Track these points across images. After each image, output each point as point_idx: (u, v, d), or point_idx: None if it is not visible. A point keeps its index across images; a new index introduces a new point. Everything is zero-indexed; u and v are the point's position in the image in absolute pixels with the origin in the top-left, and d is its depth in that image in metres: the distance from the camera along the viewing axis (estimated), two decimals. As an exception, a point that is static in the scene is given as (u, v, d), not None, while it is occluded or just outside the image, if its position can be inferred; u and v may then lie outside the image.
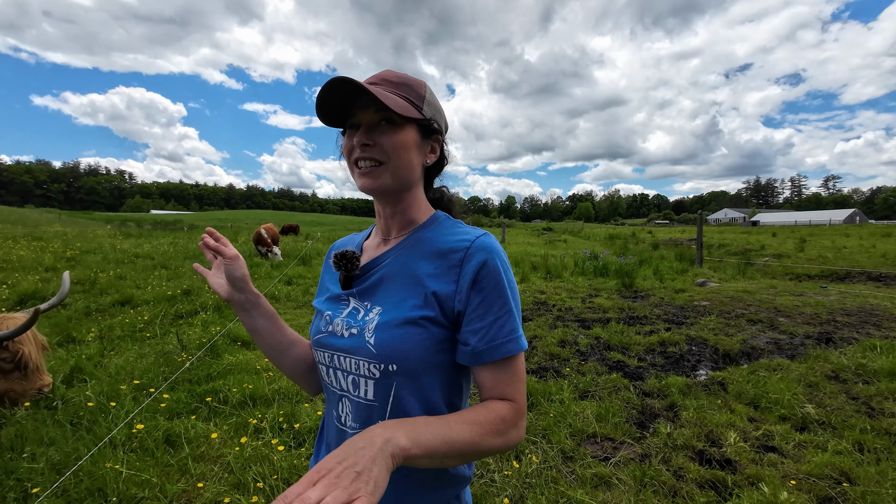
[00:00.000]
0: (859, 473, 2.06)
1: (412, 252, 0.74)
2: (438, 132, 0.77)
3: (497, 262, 0.68)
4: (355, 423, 0.70)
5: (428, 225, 0.77)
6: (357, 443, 0.52)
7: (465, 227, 0.75)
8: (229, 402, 2.83)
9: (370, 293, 0.73)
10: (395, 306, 0.69)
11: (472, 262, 0.67)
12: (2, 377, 2.04)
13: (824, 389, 3.05)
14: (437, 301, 0.67)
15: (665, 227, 50.59)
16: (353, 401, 0.71)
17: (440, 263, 0.69)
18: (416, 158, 0.73)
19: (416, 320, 0.66)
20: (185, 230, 22.92)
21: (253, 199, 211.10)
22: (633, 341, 4.27)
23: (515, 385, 0.67)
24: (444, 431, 0.59)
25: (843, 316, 5.06)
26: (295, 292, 6.72)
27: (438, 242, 0.72)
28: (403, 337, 0.65)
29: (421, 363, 0.66)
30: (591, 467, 2.21)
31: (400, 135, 0.70)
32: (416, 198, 0.78)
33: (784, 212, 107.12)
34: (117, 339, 4.18)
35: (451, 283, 0.67)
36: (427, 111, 0.74)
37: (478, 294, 0.66)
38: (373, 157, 0.70)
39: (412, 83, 0.74)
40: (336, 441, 0.74)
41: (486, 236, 0.71)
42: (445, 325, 0.67)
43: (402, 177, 0.72)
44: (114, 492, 1.94)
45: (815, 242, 17.08)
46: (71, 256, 8.85)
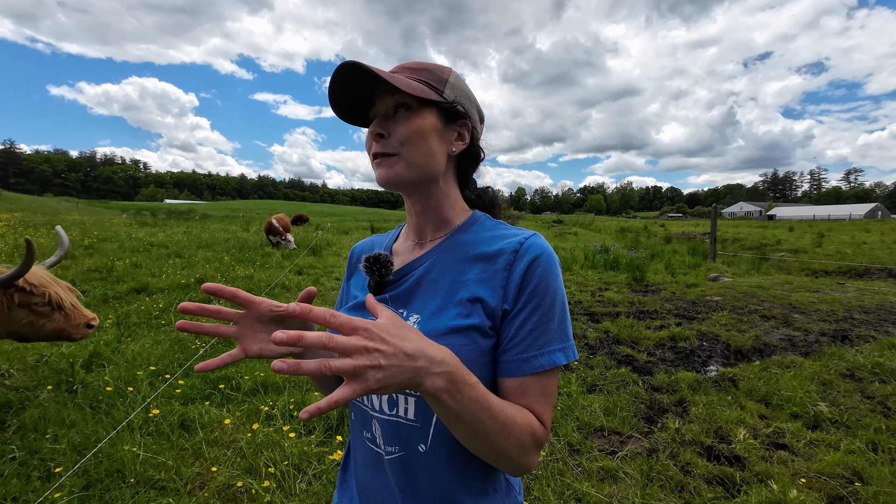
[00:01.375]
0: (872, 473, 2.04)
1: (452, 255, 0.67)
2: (466, 115, 0.69)
3: (546, 267, 0.61)
4: (391, 447, 0.64)
5: (467, 227, 0.71)
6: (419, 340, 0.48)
7: (511, 228, 0.69)
8: (241, 390, 2.89)
9: (405, 300, 0.67)
10: (434, 314, 0.63)
11: (520, 265, 0.61)
12: (46, 319, 2.18)
13: (838, 388, 3.00)
14: (482, 308, 0.61)
15: (678, 221, 49.75)
16: (387, 421, 0.64)
17: (485, 267, 0.63)
18: (437, 146, 0.66)
19: (461, 329, 0.60)
20: (197, 219, 23.28)
21: (264, 190, 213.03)
22: (642, 336, 4.24)
23: (544, 404, 0.60)
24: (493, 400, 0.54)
25: (860, 313, 4.95)
26: (306, 282, 6.79)
27: (483, 245, 0.66)
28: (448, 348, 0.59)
29: None
30: (597, 461, 2.22)
31: (416, 120, 0.64)
32: (446, 194, 0.71)
33: (802, 206, 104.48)
34: (134, 326, 4.29)
35: (498, 288, 0.61)
36: (449, 94, 0.67)
37: (521, 299, 0.60)
38: (386, 151, 0.65)
39: (433, 68, 0.69)
40: (371, 467, 0.68)
41: (537, 237, 0.64)
42: (491, 334, 0.61)
43: (420, 165, 0.65)
44: (132, 473, 2.00)
45: (834, 237, 16.67)
46: (89, 245, 9.06)
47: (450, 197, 0.72)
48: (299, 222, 20.68)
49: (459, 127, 0.70)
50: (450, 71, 0.70)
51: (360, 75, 0.62)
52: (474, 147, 0.73)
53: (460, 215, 0.73)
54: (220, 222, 21.74)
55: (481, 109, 0.76)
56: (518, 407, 0.58)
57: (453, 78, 0.70)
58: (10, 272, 2.03)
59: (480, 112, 0.75)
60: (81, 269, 6.63)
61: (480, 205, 0.77)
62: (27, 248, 1.94)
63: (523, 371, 0.59)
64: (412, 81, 0.64)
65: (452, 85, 0.68)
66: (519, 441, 0.55)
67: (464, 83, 0.72)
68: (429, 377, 0.47)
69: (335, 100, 0.68)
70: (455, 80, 0.70)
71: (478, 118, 0.74)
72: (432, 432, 0.61)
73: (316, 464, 2.14)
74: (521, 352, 0.59)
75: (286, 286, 6.42)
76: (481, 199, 0.77)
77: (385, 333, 0.46)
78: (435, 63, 0.71)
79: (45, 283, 2.18)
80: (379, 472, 0.66)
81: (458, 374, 0.50)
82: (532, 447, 0.58)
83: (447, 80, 0.68)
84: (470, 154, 0.73)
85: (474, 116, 0.72)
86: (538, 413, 0.59)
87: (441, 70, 0.69)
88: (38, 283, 2.15)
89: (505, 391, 0.60)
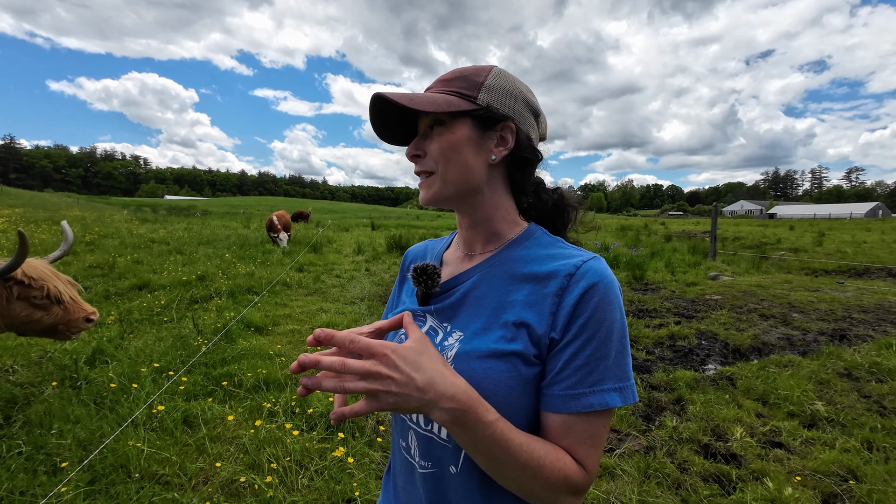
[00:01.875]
0: (867, 472, 2.06)
1: (501, 272, 0.64)
2: (505, 117, 0.63)
3: (605, 295, 0.56)
4: (425, 462, 0.62)
5: (521, 241, 0.66)
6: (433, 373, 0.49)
7: (569, 248, 0.64)
8: (244, 386, 2.92)
9: (450, 314, 0.65)
10: (477, 334, 0.60)
11: (574, 292, 0.56)
12: (44, 313, 2.19)
13: (836, 387, 3.02)
14: (528, 334, 0.57)
15: (679, 219, 49.73)
16: (422, 435, 0.63)
17: (535, 289, 0.59)
18: (472, 157, 0.63)
19: (503, 354, 0.57)
20: (198, 216, 23.29)
21: (264, 186, 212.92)
22: (641, 334, 4.27)
23: (588, 448, 0.55)
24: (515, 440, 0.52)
25: (859, 313, 4.97)
26: (306, 279, 6.82)
27: (535, 264, 0.62)
28: (486, 372, 0.56)
29: (504, 405, 0.55)
30: (595, 458, 2.24)
31: (447, 135, 0.62)
32: (495, 205, 0.67)
33: (803, 204, 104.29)
34: (136, 323, 4.31)
35: (547, 314, 0.57)
36: (484, 97, 0.62)
37: (572, 329, 0.56)
38: (423, 169, 0.65)
39: (469, 72, 0.65)
40: (405, 475, 0.67)
41: (597, 260, 0.59)
42: (535, 363, 0.57)
43: (457, 180, 0.63)
44: (136, 468, 2.03)
45: (834, 236, 16.66)
46: (90, 241, 9.09)
47: (500, 208, 0.67)
48: (300, 219, 20.70)
49: (500, 131, 0.64)
50: (489, 71, 0.65)
51: (388, 103, 0.62)
52: (521, 150, 0.66)
53: (513, 228, 0.68)
54: (220, 219, 21.75)
55: (534, 103, 0.68)
56: (551, 447, 0.54)
57: (492, 78, 0.64)
58: (3, 265, 2.05)
59: (534, 107, 0.68)
60: (83, 265, 6.66)
61: (539, 213, 0.71)
62: (20, 241, 1.97)
63: (569, 409, 0.54)
64: (438, 96, 0.62)
65: (489, 87, 0.63)
66: (547, 484, 0.52)
67: (509, 80, 0.66)
68: (436, 410, 0.49)
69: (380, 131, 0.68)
70: (495, 80, 0.64)
71: (528, 114, 0.67)
72: (464, 455, 0.59)
73: (318, 460, 2.17)
74: (568, 387, 0.55)
75: (287, 283, 6.44)
76: (539, 207, 0.70)
77: (401, 361, 0.48)
78: (475, 66, 0.66)
79: (45, 276, 2.20)
80: (411, 483, 0.66)
81: (470, 411, 0.49)
82: (564, 492, 0.53)
83: (482, 84, 0.63)
84: (518, 158, 0.66)
85: (522, 114, 0.66)
86: (580, 457, 0.55)
87: (478, 73, 0.65)
88: (37, 276, 2.16)
89: (547, 427, 0.57)
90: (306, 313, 4.97)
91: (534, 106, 0.69)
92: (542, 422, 0.58)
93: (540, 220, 0.72)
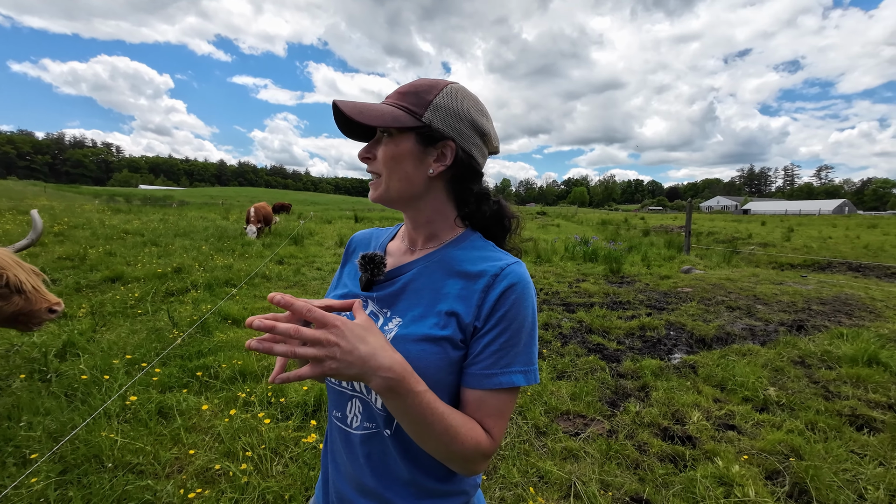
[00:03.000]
0: (807, 450, 2.23)
1: (439, 268, 0.72)
2: (445, 137, 0.69)
3: (522, 295, 0.66)
4: (368, 423, 0.69)
5: (458, 243, 0.74)
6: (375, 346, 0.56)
7: (497, 251, 0.73)
8: (220, 378, 2.93)
9: (391, 302, 0.72)
10: (414, 321, 0.68)
11: (496, 289, 0.66)
12: (4, 302, 2.12)
13: (789, 374, 3.22)
14: (457, 322, 0.66)
15: (658, 214, 50.94)
16: (366, 401, 0.70)
17: (466, 285, 0.68)
18: (412, 169, 0.70)
19: (435, 339, 0.65)
20: (175, 206, 22.65)
21: (245, 177, 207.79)
22: (614, 325, 4.43)
23: (496, 419, 0.65)
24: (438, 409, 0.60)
25: (818, 305, 5.25)
26: (286, 272, 6.78)
27: (467, 263, 0.70)
28: (420, 354, 0.64)
29: (433, 381, 0.63)
30: (561, 441, 2.36)
31: (391, 146, 0.69)
32: (436, 211, 0.74)
33: (775, 200, 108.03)
34: (109, 315, 4.24)
35: (473, 306, 0.66)
36: (429, 116, 0.68)
37: (492, 320, 0.65)
38: (372, 171, 0.73)
39: (422, 89, 0.70)
40: (341, 443, 0.73)
41: (518, 265, 0.69)
42: (461, 346, 0.66)
43: (398, 188, 0.70)
44: (109, 458, 2.04)
45: (803, 232, 17.38)
46: (59, 231, 8.78)
47: (441, 213, 0.74)
48: (282, 211, 20.37)
49: (440, 148, 0.70)
50: (441, 89, 0.70)
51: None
52: (458, 167, 0.72)
53: (451, 232, 0.76)
54: (198, 210, 21.21)
55: (480, 124, 0.73)
56: (467, 418, 0.63)
57: (442, 97, 0.69)
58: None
59: (480, 127, 0.73)
60: (52, 256, 6.45)
61: (478, 221, 0.77)
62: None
63: (483, 385, 0.64)
64: (386, 110, 0.68)
65: (436, 106, 0.69)
66: (461, 448, 0.61)
67: (459, 100, 0.71)
68: (374, 378, 0.56)
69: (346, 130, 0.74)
70: (444, 99, 0.70)
71: (473, 134, 0.72)
72: (395, 425, 0.67)
73: (293, 447, 2.22)
74: (484, 368, 0.65)
75: (266, 276, 6.39)
76: (478, 216, 0.76)
77: (349, 332, 0.55)
78: (430, 81, 0.71)
79: (5, 264, 2.13)
80: (349, 449, 0.72)
81: (403, 381, 0.57)
82: (476, 457, 0.63)
83: (431, 102, 0.69)
84: (458, 173, 0.72)
85: (465, 134, 0.71)
86: (488, 427, 0.64)
87: (429, 90, 0.70)
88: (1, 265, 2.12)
89: (464, 401, 0.66)
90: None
91: (480, 126, 0.73)
92: (461, 397, 0.68)
93: (478, 227, 0.79)
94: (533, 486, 2.03)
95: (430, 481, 0.69)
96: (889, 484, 2.00)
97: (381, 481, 0.69)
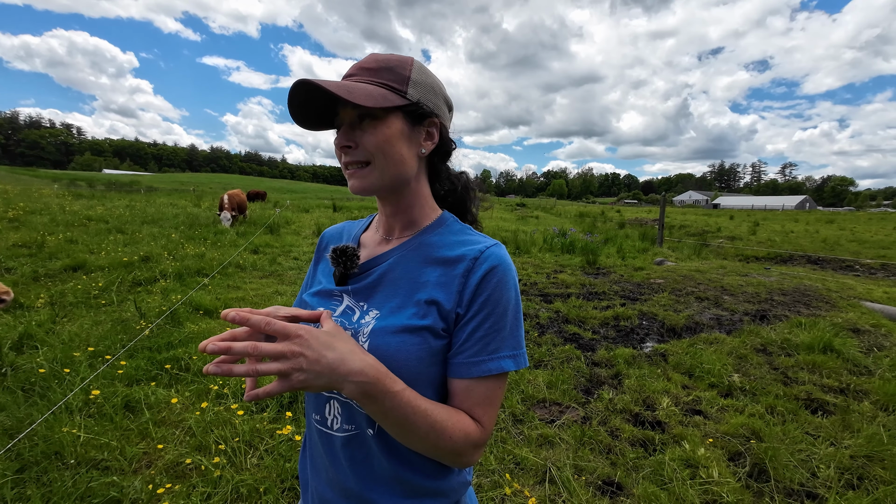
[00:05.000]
0: (767, 432, 2.36)
1: (416, 256, 0.69)
2: (432, 114, 0.68)
3: (503, 277, 0.63)
4: (348, 426, 0.66)
5: (434, 228, 0.72)
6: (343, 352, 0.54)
7: (475, 235, 0.71)
8: (191, 370, 2.84)
9: (367, 294, 0.69)
10: (393, 312, 0.65)
11: (477, 273, 0.63)
12: None
13: (751, 361, 3.38)
14: (437, 311, 0.63)
15: (633, 207, 52.27)
16: (345, 402, 0.66)
17: (445, 271, 0.65)
18: (406, 150, 0.66)
19: (415, 329, 0.62)
20: (142, 192, 21.65)
21: (217, 162, 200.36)
22: (589, 315, 4.53)
23: (486, 407, 0.63)
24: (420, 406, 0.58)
25: (779, 295, 5.52)
26: (261, 261, 6.60)
27: (445, 249, 0.68)
28: (399, 345, 0.62)
29: (416, 374, 0.61)
30: (537, 429, 2.41)
31: (382, 129, 0.63)
32: (417, 194, 0.71)
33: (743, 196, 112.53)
34: (70, 306, 4.03)
35: (453, 293, 0.63)
36: (413, 93, 0.65)
37: (474, 305, 0.63)
38: (357, 160, 0.65)
39: (393, 64, 0.66)
40: (322, 446, 0.70)
41: (497, 247, 0.66)
42: (443, 336, 0.63)
43: (393, 174, 0.66)
44: (71, 454, 1.95)
45: (767, 226, 18.20)
46: (14, 217, 8.25)
47: (420, 196, 0.72)
48: (257, 199, 19.77)
49: (427, 126, 0.68)
50: (412, 64, 0.67)
51: (317, 91, 0.61)
52: (444, 143, 0.71)
53: (429, 215, 0.73)
54: (167, 196, 20.34)
55: (448, 98, 0.73)
56: (453, 411, 0.61)
57: (416, 73, 0.66)
58: None
59: (448, 101, 0.73)
60: (6, 243, 6.07)
61: (452, 200, 0.77)
62: None
63: (471, 374, 0.62)
64: (372, 89, 0.62)
65: (415, 82, 0.66)
66: (450, 443, 0.59)
67: (428, 74, 0.69)
68: (346, 384, 0.53)
69: (299, 117, 0.66)
70: (418, 74, 0.67)
71: (446, 109, 0.72)
72: None
73: (268, 439, 2.18)
74: (471, 356, 0.62)
75: (241, 265, 6.21)
76: (452, 193, 0.76)
77: (314, 341, 0.52)
78: (395, 56, 0.67)
79: None
80: (330, 452, 0.69)
81: (377, 383, 0.54)
82: (467, 449, 0.60)
83: (409, 78, 0.65)
84: (440, 150, 0.72)
85: (442, 110, 0.70)
86: (478, 416, 0.62)
87: (402, 65, 0.66)
88: None
89: (452, 392, 0.64)
90: (261, 296, 4.84)
91: (448, 100, 0.73)
92: (448, 388, 0.65)
93: (453, 205, 0.78)
94: (509, 472, 2.06)
95: (418, 479, 0.66)
96: (839, 462, 2.14)
97: (364, 483, 0.66)
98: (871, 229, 17.72)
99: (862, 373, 3.16)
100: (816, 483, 2.03)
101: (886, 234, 15.28)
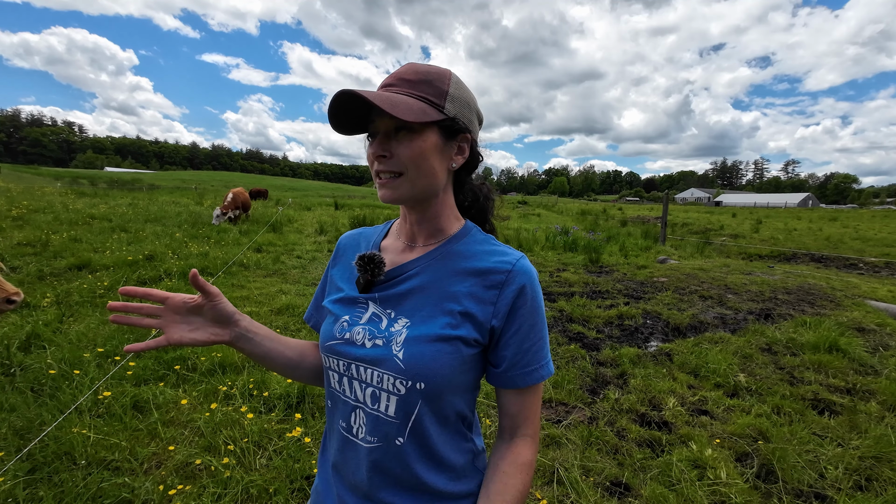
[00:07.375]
0: (774, 433, 2.36)
1: (444, 266, 0.70)
2: (465, 130, 0.69)
3: (535, 289, 0.68)
4: (371, 437, 0.68)
5: (459, 238, 0.73)
6: None
7: (499, 245, 0.73)
8: (198, 370, 2.85)
9: (395, 302, 0.70)
10: (424, 321, 0.66)
11: (512, 287, 0.66)
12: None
13: (757, 360, 3.38)
14: (471, 321, 0.66)
15: (635, 205, 52.16)
16: (371, 414, 0.68)
17: (476, 282, 0.68)
18: (438, 164, 0.67)
19: (448, 338, 0.64)
20: (144, 190, 21.69)
21: (219, 160, 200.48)
22: (593, 314, 4.53)
23: (534, 417, 0.70)
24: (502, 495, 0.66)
25: (783, 294, 5.51)
26: (265, 260, 6.61)
27: (473, 259, 0.70)
28: (435, 355, 0.63)
29: (448, 383, 0.64)
30: (544, 429, 2.41)
31: (417, 142, 0.64)
32: (444, 204, 0.73)
33: (746, 193, 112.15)
34: (76, 305, 4.04)
35: (488, 304, 0.66)
36: (450, 108, 0.66)
37: (516, 319, 0.66)
38: (390, 170, 0.66)
39: (433, 77, 0.67)
40: (341, 451, 0.72)
41: (524, 259, 0.70)
42: (474, 345, 0.66)
43: (423, 186, 0.67)
44: (82, 455, 1.96)
45: (770, 224, 18.13)
46: (18, 216, 8.28)
47: (446, 206, 0.74)
48: (259, 197, 19.78)
49: (460, 141, 0.70)
50: (450, 77, 0.68)
51: (358, 100, 0.62)
52: (473, 157, 0.74)
53: (454, 225, 0.75)
54: (169, 194, 20.36)
55: (480, 112, 0.75)
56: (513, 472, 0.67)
57: (454, 87, 0.68)
58: None
59: (479, 115, 0.75)
60: (11, 242, 6.09)
61: (475, 210, 0.79)
62: None
63: (526, 383, 0.68)
64: (412, 102, 0.63)
65: (452, 97, 0.67)
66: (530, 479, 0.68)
67: (464, 89, 0.70)
68: None
69: (335, 121, 0.68)
70: (455, 89, 0.68)
71: (477, 123, 0.74)
72: (408, 431, 0.67)
73: (276, 440, 2.19)
74: (524, 366, 0.67)
75: (244, 264, 6.22)
76: (475, 204, 0.79)
77: None
78: (434, 68, 0.68)
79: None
80: (354, 458, 0.70)
81: None
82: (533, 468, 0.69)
83: (447, 93, 0.66)
84: (468, 164, 0.74)
85: (475, 125, 0.72)
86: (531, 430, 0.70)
87: (441, 79, 0.67)
88: None
89: (505, 403, 0.70)
90: (265, 295, 4.85)
91: (480, 114, 0.75)
92: (499, 399, 0.71)
93: (475, 215, 0.80)
94: (517, 473, 2.07)
95: (441, 483, 0.68)
96: (847, 463, 2.14)
97: (388, 491, 0.68)
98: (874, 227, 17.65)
99: (868, 372, 3.16)
100: (825, 484, 2.03)
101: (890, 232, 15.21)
